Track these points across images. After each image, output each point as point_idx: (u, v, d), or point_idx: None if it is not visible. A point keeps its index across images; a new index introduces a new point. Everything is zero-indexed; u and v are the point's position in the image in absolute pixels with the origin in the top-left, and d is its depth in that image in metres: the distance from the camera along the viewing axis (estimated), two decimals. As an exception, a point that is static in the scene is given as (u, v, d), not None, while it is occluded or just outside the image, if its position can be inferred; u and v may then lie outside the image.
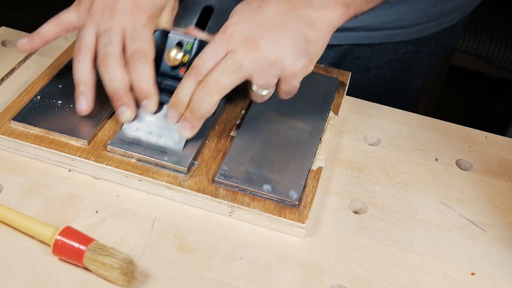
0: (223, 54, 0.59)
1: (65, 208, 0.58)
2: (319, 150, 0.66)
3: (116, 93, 0.62)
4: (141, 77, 0.61)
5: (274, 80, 0.61)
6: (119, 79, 0.61)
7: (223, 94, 0.59)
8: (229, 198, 0.59)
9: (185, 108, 0.60)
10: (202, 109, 0.59)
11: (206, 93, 0.59)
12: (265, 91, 0.62)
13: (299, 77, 0.62)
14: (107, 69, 0.62)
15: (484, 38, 1.87)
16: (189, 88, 0.60)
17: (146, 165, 0.61)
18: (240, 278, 0.54)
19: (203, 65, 0.59)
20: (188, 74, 0.60)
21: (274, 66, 0.60)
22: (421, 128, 0.75)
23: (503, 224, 0.63)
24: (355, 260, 0.57)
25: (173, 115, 0.61)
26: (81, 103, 0.63)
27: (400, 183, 0.66)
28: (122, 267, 0.51)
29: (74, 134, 0.63)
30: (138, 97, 0.62)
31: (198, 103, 0.59)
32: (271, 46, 0.59)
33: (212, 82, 0.58)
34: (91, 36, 0.64)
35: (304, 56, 0.60)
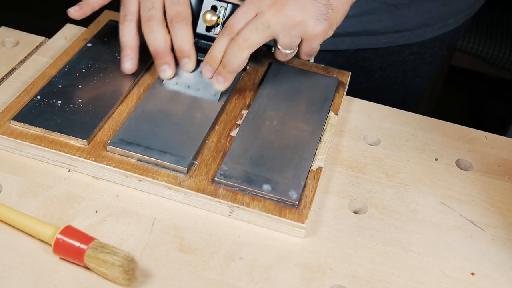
0: (253, 15, 0.65)
1: (65, 208, 0.58)
2: (319, 150, 0.66)
3: (159, 52, 0.68)
4: (182, 38, 0.68)
5: (297, 40, 0.66)
6: (162, 40, 0.68)
7: (252, 50, 0.65)
8: (229, 198, 0.59)
9: (219, 64, 0.67)
10: (233, 64, 0.66)
11: (237, 49, 0.65)
12: (289, 50, 0.67)
13: (319, 39, 0.67)
14: (151, 31, 0.68)
15: (484, 38, 1.87)
16: (222, 45, 0.66)
17: (146, 165, 0.61)
18: (240, 278, 0.54)
19: (235, 24, 0.65)
20: (221, 33, 0.66)
21: (298, 27, 0.65)
22: (421, 128, 0.75)
23: (503, 224, 0.63)
24: (355, 260, 0.57)
25: (207, 70, 0.68)
26: (127, 63, 0.70)
27: (400, 183, 0.66)
28: (123, 265, 0.51)
29: (74, 134, 0.63)
30: (178, 56, 0.69)
31: (230, 58, 0.65)
32: (296, 9, 0.64)
33: (242, 39, 0.64)
34: (134, 3, 0.69)
35: (325, 20, 0.66)
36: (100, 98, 0.68)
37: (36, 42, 0.79)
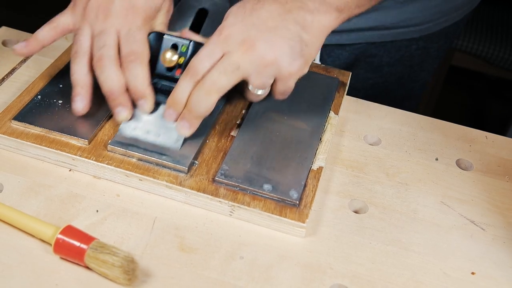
0: (219, 55, 0.60)
1: (66, 207, 0.58)
2: (319, 150, 0.66)
3: (112, 93, 0.63)
4: (136, 78, 0.63)
5: (270, 81, 0.62)
6: (114, 80, 0.62)
7: (221, 94, 0.60)
8: (230, 198, 0.59)
9: (183, 108, 0.61)
10: (200, 108, 0.60)
11: (204, 93, 0.60)
12: (260, 90, 0.63)
13: (294, 77, 0.63)
14: (102, 70, 0.62)
15: (484, 38, 1.87)
16: (186, 88, 0.61)
17: (147, 165, 0.61)
18: (240, 278, 0.54)
19: (199, 65, 0.60)
20: (185, 75, 0.61)
21: (271, 67, 0.60)
22: (421, 128, 0.75)
23: (503, 223, 0.63)
24: (355, 260, 0.57)
25: (170, 114, 0.62)
26: (77, 103, 0.64)
27: (400, 183, 0.67)
28: (123, 265, 0.51)
29: (75, 133, 0.63)
30: (134, 97, 0.64)
31: (196, 103, 0.60)
32: (267, 47, 0.60)
33: (209, 82, 0.59)
34: (86, 39, 0.65)
35: (300, 58, 0.61)
36: (101, 97, 0.68)
37: (36, 42, 0.79)
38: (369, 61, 0.91)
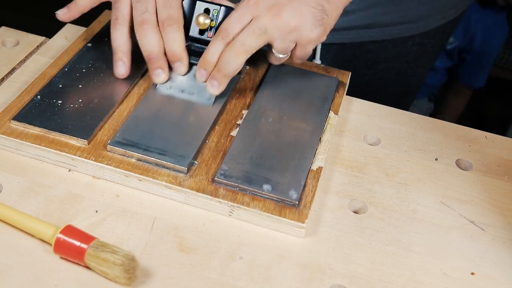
0: (249, 19, 0.65)
1: (65, 207, 0.58)
2: (319, 150, 0.66)
3: (152, 56, 0.68)
4: (174, 41, 0.67)
5: (292, 45, 0.67)
6: (155, 44, 0.67)
7: (248, 55, 0.65)
8: (229, 198, 0.59)
9: (213, 68, 0.66)
10: (229, 68, 0.65)
11: (233, 53, 0.64)
12: (283, 55, 0.68)
13: (313, 44, 0.68)
14: (144, 35, 0.67)
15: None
16: (217, 49, 0.65)
17: (146, 165, 0.61)
18: (240, 278, 0.54)
19: (230, 28, 0.65)
20: (216, 37, 0.66)
21: (293, 33, 0.65)
22: (421, 128, 0.75)
23: (503, 224, 0.63)
24: (355, 260, 0.57)
25: (202, 74, 0.67)
26: (120, 67, 0.69)
27: (400, 183, 0.67)
28: (124, 264, 0.51)
29: (74, 133, 0.63)
30: (170, 60, 0.68)
31: (226, 63, 0.65)
32: (292, 14, 0.64)
33: (239, 44, 0.64)
34: (126, 6, 0.69)
35: (320, 26, 0.66)
36: (101, 98, 0.68)
37: (36, 42, 0.79)
38: (365, 57, 0.92)
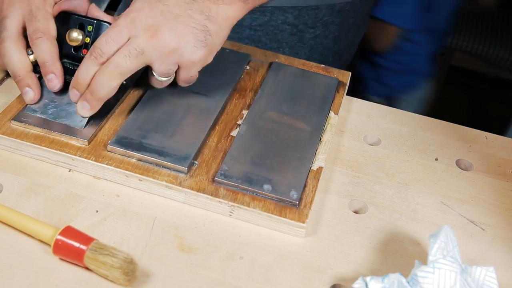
0: (126, 38, 0.61)
1: (65, 207, 0.58)
2: (319, 150, 0.66)
3: (17, 75, 0.65)
4: (43, 52, 0.64)
5: (174, 68, 0.63)
6: (17, 61, 0.64)
7: (123, 78, 0.61)
8: (229, 198, 0.59)
9: (86, 88, 0.62)
10: (102, 91, 0.61)
11: (107, 76, 0.61)
12: (165, 78, 0.64)
13: (197, 66, 0.65)
14: (4, 54, 0.64)
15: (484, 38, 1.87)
16: (89, 69, 0.61)
17: (147, 165, 0.61)
18: (240, 278, 0.54)
19: (105, 46, 0.61)
20: (89, 55, 0.61)
21: (174, 54, 0.62)
22: (421, 128, 0.75)
23: (503, 224, 0.63)
24: (355, 260, 0.57)
25: (74, 94, 0.63)
26: (29, 94, 0.65)
27: (400, 183, 0.67)
28: (122, 267, 0.51)
29: (75, 134, 0.63)
30: (42, 73, 0.65)
31: (99, 85, 0.61)
32: (172, 34, 0.61)
33: (113, 66, 0.60)
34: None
35: (204, 47, 0.63)
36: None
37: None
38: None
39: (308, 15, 0.90)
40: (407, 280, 0.51)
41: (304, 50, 0.93)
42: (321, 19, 0.91)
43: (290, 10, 0.88)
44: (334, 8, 0.91)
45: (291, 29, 0.91)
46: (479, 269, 0.53)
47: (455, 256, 0.53)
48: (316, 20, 0.91)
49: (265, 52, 0.80)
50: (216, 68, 0.75)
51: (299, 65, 0.78)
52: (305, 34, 0.92)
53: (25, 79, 0.64)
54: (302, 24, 0.91)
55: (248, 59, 0.78)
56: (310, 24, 0.91)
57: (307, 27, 0.91)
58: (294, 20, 0.90)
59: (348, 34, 0.97)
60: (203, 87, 0.71)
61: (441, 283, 0.50)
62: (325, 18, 0.91)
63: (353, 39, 1.00)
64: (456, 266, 0.51)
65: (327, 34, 0.93)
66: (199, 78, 0.69)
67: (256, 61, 0.78)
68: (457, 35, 1.86)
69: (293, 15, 0.89)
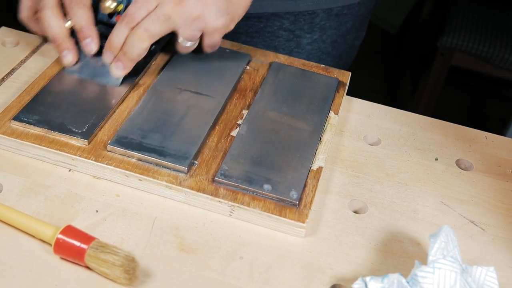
0: (154, 5, 0.65)
1: (65, 207, 0.58)
2: (319, 150, 0.66)
3: (56, 39, 0.69)
4: (80, 19, 0.68)
5: (198, 34, 0.68)
6: (56, 26, 0.68)
7: (152, 41, 0.66)
8: (229, 198, 0.59)
9: (118, 51, 0.67)
10: (133, 53, 0.67)
11: (137, 39, 0.66)
12: (189, 42, 0.69)
13: (220, 33, 0.69)
14: (44, 19, 0.68)
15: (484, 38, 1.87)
16: (121, 33, 0.67)
17: (146, 165, 0.61)
18: (240, 278, 0.54)
19: (135, 13, 0.66)
20: (121, 21, 0.67)
21: (198, 21, 0.66)
22: (421, 128, 0.75)
23: (503, 224, 0.63)
24: (355, 260, 0.57)
25: (108, 56, 0.69)
26: (68, 57, 0.70)
27: (400, 183, 0.67)
28: (124, 265, 0.51)
29: (75, 133, 0.63)
30: (79, 38, 0.69)
31: (130, 47, 0.66)
32: (196, 2, 0.65)
33: (142, 29, 0.65)
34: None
35: (225, 15, 0.68)
36: (101, 97, 0.68)
37: (36, 42, 0.79)
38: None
39: (305, 20, 0.90)
40: (407, 280, 0.51)
41: (302, 55, 0.93)
42: (318, 24, 0.91)
43: (286, 15, 0.89)
44: (331, 12, 0.91)
45: (288, 35, 0.92)
46: (479, 269, 0.53)
47: (455, 256, 0.53)
48: (313, 25, 0.91)
49: (265, 52, 0.80)
50: (216, 68, 0.75)
51: (299, 65, 0.78)
52: (302, 40, 0.92)
53: (64, 43, 0.69)
54: (299, 29, 0.91)
55: (248, 59, 0.78)
56: (306, 29, 0.91)
57: (304, 32, 0.92)
58: (290, 25, 0.91)
59: (347, 38, 0.97)
60: (203, 87, 0.71)
61: (441, 283, 0.50)
62: (322, 23, 0.91)
63: (353, 42, 0.99)
64: (456, 266, 0.51)
65: (324, 38, 0.93)
66: (199, 78, 0.70)
67: (256, 61, 0.78)
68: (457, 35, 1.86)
69: (289, 20, 0.90)
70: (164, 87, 0.71)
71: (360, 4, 0.94)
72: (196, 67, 0.74)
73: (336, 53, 0.97)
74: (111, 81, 0.69)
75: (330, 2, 0.90)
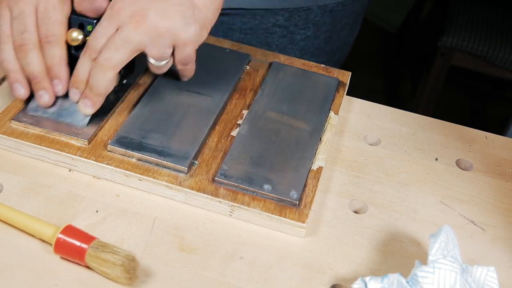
0: (113, 30, 0.61)
1: (66, 207, 0.58)
2: (319, 150, 0.66)
3: (34, 77, 0.64)
4: (52, 58, 0.64)
5: (168, 50, 0.63)
6: (37, 64, 0.64)
7: (117, 70, 0.61)
8: (229, 198, 0.59)
9: (85, 86, 0.63)
10: (99, 86, 0.62)
11: (100, 71, 0.61)
12: (162, 62, 0.64)
13: (192, 45, 0.64)
14: (25, 55, 0.63)
15: (484, 38, 1.87)
16: (85, 67, 0.62)
17: (147, 165, 0.61)
18: (240, 278, 0.54)
19: (95, 43, 0.61)
20: (83, 54, 0.62)
21: (165, 36, 0.61)
22: (421, 128, 0.75)
23: (503, 224, 0.63)
24: (355, 260, 0.57)
25: (74, 93, 0.64)
26: (18, 89, 0.65)
27: (400, 183, 0.67)
28: (124, 264, 0.51)
29: (75, 133, 0.63)
30: (51, 77, 0.64)
31: (95, 81, 0.62)
32: (158, 17, 0.60)
33: (103, 59, 0.61)
34: (7, 25, 0.64)
35: (194, 23, 0.62)
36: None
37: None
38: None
39: (299, 16, 0.90)
40: (406, 280, 0.51)
41: (295, 51, 0.93)
42: (312, 20, 0.91)
43: (281, 12, 0.88)
44: (325, 8, 0.90)
45: (282, 31, 0.91)
46: (480, 268, 0.53)
47: (455, 256, 0.53)
48: (307, 21, 0.91)
49: (265, 52, 0.80)
50: (216, 68, 0.75)
51: (299, 65, 0.78)
52: (296, 36, 0.92)
53: (42, 82, 0.64)
54: (293, 25, 0.90)
55: (248, 59, 0.78)
56: (300, 25, 0.91)
57: (298, 29, 0.91)
58: (284, 22, 0.90)
59: (341, 34, 0.96)
60: (203, 87, 0.71)
61: (441, 283, 0.50)
62: (316, 19, 0.91)
63: (346, 39, 0.99)
64: (456, 266, 0.51)
65: (318, 34, 0.93)
66: (199, 78, 0.70)
67: (256, 61, 0.78)
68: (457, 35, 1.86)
69: (284, 17, 0.89)
70: (164, 87, 0.71)
71: (354, 0, 0.94)
72: (196, 67, 0.74)
73: (330, 49, 0.97)
74: (76, 121, 0.64)
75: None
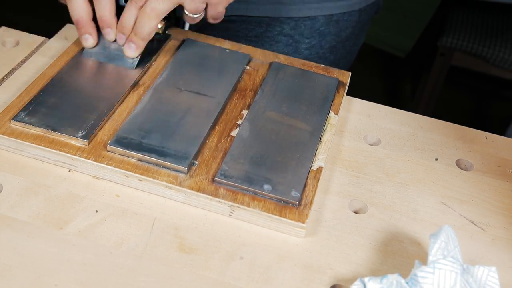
0: None
1: (65, 207, 0.58)
2: (319, 150, 0.66)
3: (79, 22, 0.72)
4: (103, 8, 0.71)
5: (202, 6, 0.72)
6: (82, 10, 0.71)
7: (160, 18, 0.70)
8: (229, 198, 0.59)
9: (130, 32, 0.71)
10: (143, 32, 0.70)
11: (145, 18, 0.69)
12: (196, 15, 0.73)
13: (223, 4, 0.73)
14: (71, 1, 0.71)
15: (484, 38, 1.87)
16: (131, 14, 0.70)
17: (146, 165, 0.61)
18: (240, 278, 0.54)
19: None
20: (129, 2, 0.70)
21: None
22: (421, 128, 0.75)
23: (503, 224, 0.63)
24: (355, 260, 0.57)
25: (120, 37, 0.72)
26: (88, 40, 0.73)
27: (400, 183, 0.67)
28: None
29: (75, 133, 0.63)
30: (100, 26, 0.72)
31: (140, 27, 0.70)
32: None
33: (149, 8, 0.69)
34: None
35: None
36: (101, 98, 0.68)
37: (36, 42, 0.79)
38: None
39: (305, 25, 0.91)
40: (406, 281, 0.51)
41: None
42: (318, 29, 0.92)
43: (287, 21, 0.90)
44: (331, 18, 0.91)
45: (287, 40, 0.93)
46: (481, 268, 0.53)
47: (456, 256, 0.53)
48: (312, 30, 0.92)
49: (265, 52, 0.80)
50: (216, 68, 0.75)
51: (299, 65, 0.78)
52: (301, 44, 0.93)
53: (86, 26, 0.72)
54: (298, 34, 0.92)
55: (248, 59, 0.78)
56: (306, 34, 0.92)
57: (303, 38, 0.93)
58: (290, 30, 0.92)
59: (346, 44, 0.97)
60: (203, 87, 0.71)
61: (441, 283, 0.50)
62: (321, 28, 0.92)
63: (351, 48, 1.00)
64: (457, 266, 0.51)
65: (323, 44, 0.94)
66: (199, 78, 0.70)
67: (256, 61, 0.78)
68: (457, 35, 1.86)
69: (289, 25, 0.91)
70: (164, 87, 0.71)
71: (361, 10, 0.94)
72: (196, 67, 0.74)
73: (334, 58, 0.97)
74: (126, 64, 0.72)
75: (332, 8, 0.91)
